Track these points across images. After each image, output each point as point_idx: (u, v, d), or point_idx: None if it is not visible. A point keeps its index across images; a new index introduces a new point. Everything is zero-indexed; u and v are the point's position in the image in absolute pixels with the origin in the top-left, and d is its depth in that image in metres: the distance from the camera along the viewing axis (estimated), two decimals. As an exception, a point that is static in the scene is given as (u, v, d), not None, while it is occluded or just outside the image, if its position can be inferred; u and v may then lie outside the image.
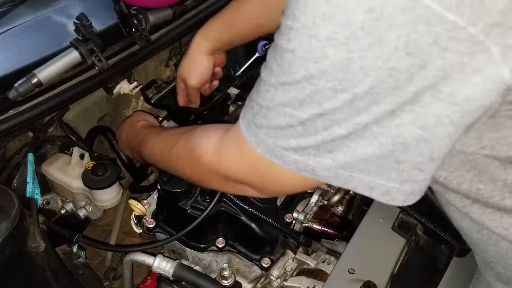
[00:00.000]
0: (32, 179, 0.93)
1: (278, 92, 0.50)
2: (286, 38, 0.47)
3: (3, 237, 0.74)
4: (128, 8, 0.99)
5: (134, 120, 1.01)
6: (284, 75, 0.49)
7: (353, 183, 0.53)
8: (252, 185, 0.64)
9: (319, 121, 0.49)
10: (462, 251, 0.94)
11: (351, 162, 0.50)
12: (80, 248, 1.08)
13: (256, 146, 0.56)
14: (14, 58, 0.92)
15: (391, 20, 0.41)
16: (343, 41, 0.43)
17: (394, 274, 0.92)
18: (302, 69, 0.46)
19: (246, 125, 0.57)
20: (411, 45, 0.41)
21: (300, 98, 0.48)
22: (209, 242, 0.96)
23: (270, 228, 0.94)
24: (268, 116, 0.53)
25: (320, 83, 0.46)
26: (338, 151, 0.50)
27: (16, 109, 0.88)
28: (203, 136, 0.70)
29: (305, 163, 0.53)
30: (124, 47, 1.04)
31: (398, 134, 0.47)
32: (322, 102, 0.47)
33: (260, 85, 0.54)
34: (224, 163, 0.64)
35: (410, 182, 0.51)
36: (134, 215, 1.00)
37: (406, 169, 0.50)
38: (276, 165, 0.55)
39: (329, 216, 1.06)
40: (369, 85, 0.44)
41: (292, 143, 0.52)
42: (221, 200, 0.91)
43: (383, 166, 0.50)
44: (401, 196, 0.52)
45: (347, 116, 0.47)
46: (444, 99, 0.44)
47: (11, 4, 1.02)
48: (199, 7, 1.18)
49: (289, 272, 1.00)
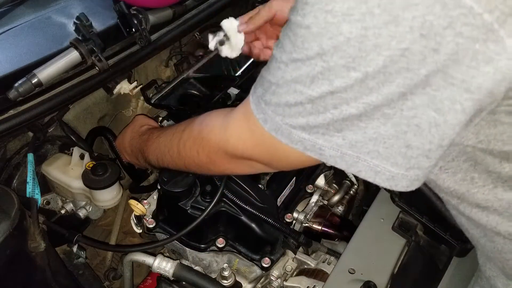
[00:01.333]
0: (32, 179, 0.93)
1: (288, 69, 0.50)
2: (301, 13, 0.47)
3: (3, 237, 0.74)
4: (128, 8, 0.99)
5: (137, 125, 1.02)
6: (296, 52, 0.49)
7: (358, 166, 0.53)
8: (259, 161, 0.64)
9: (329, 99, 0.49)
10: (462, 251, 0.94)
11: (362, 141, 0.50)
12: (80, 248, 1.08)
13: (264, 123, 0.56)
14: (14, 58, 0.92)
15: (409, 0, 0.41)
16: (359, 17, 0.43)
17: (394, 274, 0.92)
18: (316, 45, 0.47)
19: (255, 101, 0.58)
20: (426, 27, 0.42)
21: (311, 75, 0.49)
22: (209, 242, 0.96)
23: (270, 228, 0.94)
24: (278, 93, 0.53)
25: (332, 59, 0.46)
26: (348, 130, 0.50)
27: (16, 109, 0.88)
28: (209, 118, 0.71)
29: (313, 141, 0.53)
30: (124, 47, 1.04)
31: (412, 115, 0.47)
32: (333, 80, 0.47)
33: (272, 62, 0.54)
34: (232, 140, 0.65)
35: (416, 169, 0.51)
36: (134, 215, 1.00)
37: (414, 155, 0.50)
38: (282, 144, 0.55)
39: (329, 216, 1.06)
40: (381, 64, 0.44)
41: (301, 121, 0.52)
42: (221, 200, 0.91)
43: (392, 149, 0.50)
44: (405, 182, 0.52)
45: (357, 95, 0.47)
46: (458, 85, 0.44)
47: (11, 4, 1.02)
48: (199, 7, 1.18)
49: (289, 272, 1.00)
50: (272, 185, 1.00)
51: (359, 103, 0.48)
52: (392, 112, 0.47)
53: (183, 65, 1.32)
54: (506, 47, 0.41)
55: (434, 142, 0.49)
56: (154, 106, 1.18)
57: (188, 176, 0.91)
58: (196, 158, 0.74)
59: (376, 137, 0.50)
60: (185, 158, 0.77)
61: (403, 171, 0.51)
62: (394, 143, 0.49)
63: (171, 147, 0.80)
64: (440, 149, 0.50)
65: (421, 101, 0.46)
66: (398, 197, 1.00)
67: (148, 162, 0.91)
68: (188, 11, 1.15)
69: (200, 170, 0.78)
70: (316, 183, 1.11)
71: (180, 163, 0.79)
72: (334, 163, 0.54)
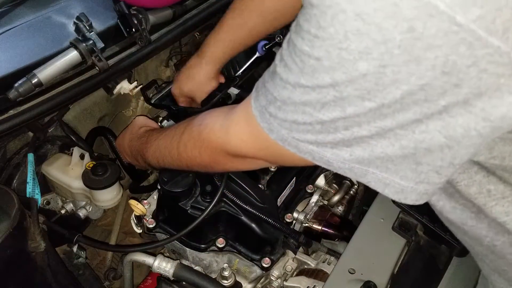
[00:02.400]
0: (32, 179, 0.93)
1: (296, 92, 0.50)
2: (309, 44, 0.46)
3: (3, 237, 0.74)
4: (128, 8, 0.99)
5: (136, 126, 1.02)
6: (305, 79, 0.48)
7: (367, 177, 0.52)
8: (264, 159, 0.64)
9: (340, 123, 0.48)
10: (462, 251, 0.94)
11: (369, 158, 0.50)
12: (80, 248, 1.08)
13: (269, 132, 0.56)
14: (14, 58, 0.92)
15: (432, 42, 0.40)
16: (377, 56, 0.42)
17: (394, 274, 0.92)
18: (328, 77, 0.46)
19: (258, 109, 0.57)
20: (448, 65, 0.41)
21: (322, 102, 0.48)
22: (209, 242, 0.96)
23: (270, 228, 0.94)
24: (284, 110, 0.52)
25: (346, 90, 0.45)
26: (357, 146, 0.50)
27: (16, 109, 0.88)
28: (208, 118, 0.70)
29: (321, 154, 0.53)
30: (124, 47, 1.04)
31: (422, 139, 0.46)
32: (346, 107, 0.47)
33: (276, 78, 0.52)
34: (233, 142, 0.64)
35: (426, 183, 0.51)
36: (134, 215, 1.00)
37: (425, 171, 0.50)
38: (289, 152, 0.55)
39: (329, 216, 1.06)
40: (399, 96, 0.44)
41: (309, 138, 0.52)
42: (221, 200, 0.91)
43: (401, 165, 0.50)
44: (414, 196, 0.52)
45: (370, 120, 0.47)
46: (476, 114, 0.43)
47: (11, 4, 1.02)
48: (199, 7, 1.18)
49: (289, 272, 1.00)
50: (272, 185, 1.00)
51: (371, 126, 0.47)
52: (404, 134, 0.47)
53: (183, 65, 1.32)
54: None
55: (446, 160, 0.48)
56: (154, 106, 1.18)
57: (188, 176, 0.91)
58: (198, 158, 0.73)
59: (383, 157, 0.49)
60: (187, 159, 0.76)
61: (413, 185, 0.51)
62: (403, 161, 0.49)
63: (171, 149, 0.79)
64: (452, 167, 0.49)
65: (435, 126, 0.45)
66: (398, 197, 1.00)
67: (148, 164, 0.91)
68: (188, 11, 1.15)
69: (203, 169, 0.77)
70: (316, 183, 1.11)
71: (182, 164, 0.79)
72: (343, 173, 0.54)
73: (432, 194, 0.53)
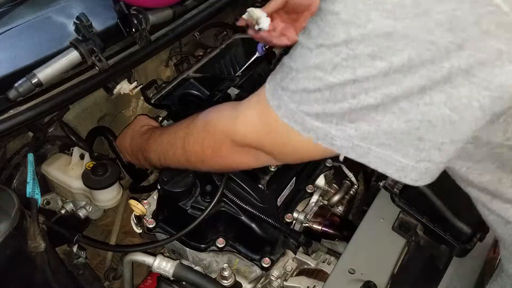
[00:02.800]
0: (32, 179, 0.93)
1: (312, 54, 0.51)
2: (331, 0, 0.47)
3: (3, 237, 0.74)
4: (128, 8, 0.99)
5: (138, 125, 1.02)
6: (322, 37, 0.49)
7: (369, 157, 0.53)
8: (267, 150, 0.64)
9: (349, 88, 0.49)
10: (462, 251, 0.94)
11: (374, 133, 0.51)
12: (80, 248, 1.08)
13: (277, 109, 0.56)
14: (14, 58, 0.92)
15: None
16: (390, 7, 0.43)
17: (394, 274, 0.92)
18: (343, 31, 0.47)
19: (272, 88, 0.58)
20: (454, 21, 0.42)
21: (334, 62, 0.49)
22: (209, 242, 0.96)
23: (270, 228, 0.94)
24: (297, 79, 0.53)
25: (358, 47, 0.46)
26: (362, 121, 0.51)
27: (16, 109, 0.88)
28: (217, 109, 0.72)
29: (326, 130, 0.53)
30: (124, 47, 1.04)
31: (427, 111, 0.47)
32: (356, 68, 0.48)
33: (296, 48, 0.54)
34: (241, 127, 0.65)
35: (427, 161, 0.51)
36: (134, 215, 1.00)
37: (426, 148, 0.50)
38: (294, 132, 0.56)
39: (329, 216, 1.06)
40: (407, 56, 0.45)
41: (316, 109, 0.53)
42: (221, 200, 0.91)
43: (403, 142, 0.50)
44: (415, 175, 0.53)
45: (378, 85, 0.48)
46: (478, 83, 0.44)
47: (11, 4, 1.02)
48: (199, 7, 1.18)
49: (289, 272, 1.00)
50: (272, 185, 1.00)
51: (377, 93, 0.48)
52: (408, 107, 0.48)
53: (183, 65, 1.33)
54: None
55: (448, 136, 0.49)
56: (154, 106, 1.18)
57: (188, 176, 0.91)
58: (200, 151, 0.73)
59: (389, 131, 0.50)
60: (188, 153, 0.76)
61: (413, 163, 0.51)
62: (406, 137, 0.50)
63: (175, 143, 0.80)
64: (453, 144, 0.50)
65: (439, 98, 0.46)
66: (398, 197, 1.00)
67: (149, 161, 0.91)
68: (188, 11, 1.15)
69: (202, 164, 0.77)
70: (316, 183, 1.11)
71: (182, 159, 0.79)
72: (345, 153, 0.54)
73: (433, 175, 0.53)
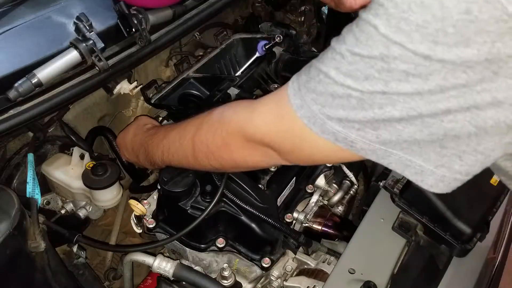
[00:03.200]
0: (32, 179, 0.93)
1: (344, 61, 0.51)
2: (373, 13, 0.48)
3: (3, 237, 0.74)
4: (128, 8, 0.99)
5: (141, 123, 1.02)
6: (358, 46, 0.49)
7: (389, 159, 0.53)
8: (278, 148, 0.64)
9: (378, 99, 0.50)
10: (462, 251, 0.94)
11: (396, 141, 0.51)
12: (80, 248, 1.08)
13: (298, 109, 0.56)
14: (14, 58, 0.91)
15: (483, 26, 0.42)
16: (432, 32, 0.44)
17: (394, 274, 0.92)
18: (381, 45, 0.47)
19: (295, 87, 0.58)
20: (493, 52, 0.43)
21: (367, 72, 0.49)
22: (209, 242, 0.96)
23: (270, 228, 0.94)
24: (325, 82, 0.53)
25: (394, 62, 0.47)
26: (384, 130, 0.51)
27: (16, 109, 0.88)
28: (231, 106, 0.72)
29: (346, 135, 0.54)
30: (124, 47, 1.04)
31: (451, 127, 0.48)
32: (389, 82, 0.48)
33: (327, 52, 0.54)
34: (256, 121, 0.65)
35: (445, 168, 0.52)
36: (134, 215, 1.00)
37: (448, 154, 0.51)
38: (311, 132, 0.56)
39: (329, 216, 1.06)
40: (442, 77, 0.45)
41: (340, 114, 0.53)
42: (221, 200, 0.91)
43: (427, 148, 0.51)
44: (431, 180, 0.53)
45: (407, 100, 0.48)
46: (505, 108, 0.45)
47: (11, 4, 1.02)
48: (199, 7, 1.18)
49: (289, 272, 1.00)
50: (272, 185, 1.00)
51: (404, 107, 0.48)
52: (432, 122, 0.48)
53: (183, 65, 1.33)
54: None
55: (471, 145, 0.50)
56: (154, 106, 1.18)
57: (188, 176, 0.91)
58: (211, 141, 0.73)
59: (411, 141, 0.51)
60: (197, 143, 0.76)
61: (433, 168, 0.52)
62: (429, 145, 0.51)
63: (184, 134, 0.80)
64: (474, 154, 0.51)
65: (463, 117, 0.47)
66: (398, 197, 1.00)
67: (150, 157, 0.91)
68: (188, 11, 1.15)
69: (208, 157, 0.76)
70: (316, 183, 1.11)
71: (188, 151, 0.79)
72: (364, 155, 0.55)
73: (448, 185, 0.54)
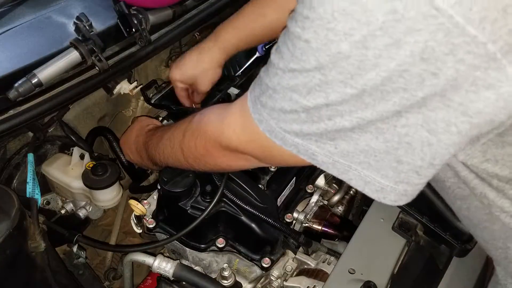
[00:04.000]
0: (32, 179, 0.93)
1: (286, 76, 0.51)
2: (301, 26, 0.47)
3: (3, 237, 0.74)
4: (128, 8, 0.99)
5: (144, 124, 1.02)
6: (294, 62, 0.49)
7: (349, 174, 0.53)
8: (253, 156, 0.65)
9: (324, 111, 0.49)
10: (462, 251, 0.94)
11: (353, 152, 0.51)
12: (80, 248, 1.08)
13: (259, 123, 0.57)
14: (14, 58, 0.92)
15: (412, 25, 0.40)
16: (360, 38, 0.43)
17: (394, 274, 0.92)
18: (314, 59, 0.47)
19: (252, 100, 0.58)
20: (427, 52, 0.41)
21: (308, 86, 0.49)
22: (209, 242, 0.96)
23: (270, 228, 0.94)
24: (274, 98, 0.53)
25: (331, 74, 0.46)
26: (341, 140, 0.51)
27: (16, 109, 0.88)
28: (209, 111, 0.73)
29: (306, 147, 0.53)
30: (124, 47, 1.04)
31: (405, 133, 0.47)
32: (329, 93, 0.48)
33: (270, 66, 0.54)
34: (226, 132, 0.65)
35: (405, 183, 0.51)
36: (134, 215, 1.00)
37: (405, 170, 0.50)
38: (275, 145, 0.56)
39: (329, 216, 1.06)
40: (379, 82, 0.44)
41: (295, 128, 0.53)
42: (221, 200, 0.91)
43: (383, 163, 0.50)
44: (393, 196, 0.53)
45: (352, 109, 0.47)
46: (455, 108, 0.44)
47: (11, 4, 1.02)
48: (199, 7, 1.18)
49: (289, 272, 1.00)
50: (272, 185, 1.00)
51: (353, 117, 0.48)
52: (385, 127, 0.47)
53: (183, 65, 1.32)
54: (508, 74, 0.41)
55: (426, 159, 0.49)
56: (154, 106, 1.18)
57: (188, 176, 0.91)
58: (194, 149, 0.74)
59: (367, 150, 0.50)
60: (184, 150, 0.77)
61: (392, 184, 0.52)
62: (385, 157, 0.50)
63: (173, 139, 0.81)
64: (431, 168, 0.50)
65: (416, 120, 0.46)
66: (398, 197, 1.00)
67: (152, 158, 0.91)
68: (188, 11, 1.15)
69: (197, 163, 0.78)
70: (316, 183, 1.11)
71: (179, 156, 0.80)
72: (326, 169, 0.54)
73: (411, 196, 0.53)
